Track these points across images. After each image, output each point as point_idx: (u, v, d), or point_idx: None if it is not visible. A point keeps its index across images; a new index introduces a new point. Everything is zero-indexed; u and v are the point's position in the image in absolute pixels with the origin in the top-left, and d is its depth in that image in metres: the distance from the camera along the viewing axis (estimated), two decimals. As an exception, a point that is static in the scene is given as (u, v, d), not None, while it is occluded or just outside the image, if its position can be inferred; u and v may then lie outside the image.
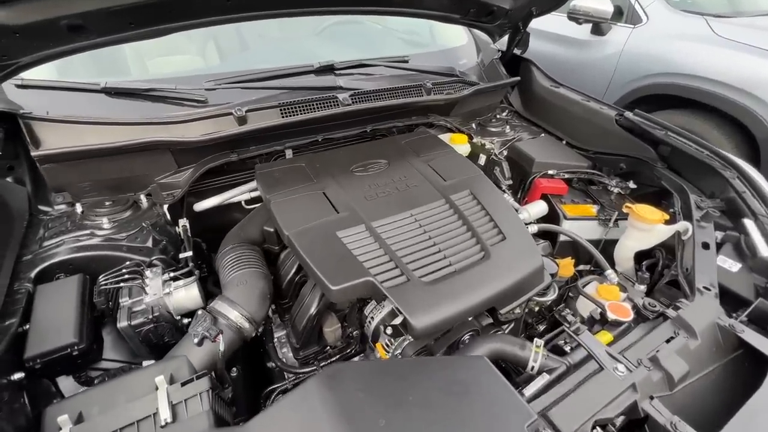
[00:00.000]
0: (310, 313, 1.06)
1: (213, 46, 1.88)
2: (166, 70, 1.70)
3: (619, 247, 1.35)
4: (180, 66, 1.76)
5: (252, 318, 0.99)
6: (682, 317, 0.94)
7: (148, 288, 1.00)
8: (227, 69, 1.54)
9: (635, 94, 3.22)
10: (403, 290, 0.95)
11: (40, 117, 1.17)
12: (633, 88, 3.22)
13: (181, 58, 1.86)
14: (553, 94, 1.92)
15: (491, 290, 1.00)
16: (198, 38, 1.89)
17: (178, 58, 1.85)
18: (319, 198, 1.20)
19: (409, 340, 1.04)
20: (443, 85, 1.72)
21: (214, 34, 1.87)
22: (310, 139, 1.49)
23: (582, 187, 1.65)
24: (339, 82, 1.53)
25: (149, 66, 1.71)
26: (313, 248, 1.02)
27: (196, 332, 0.89)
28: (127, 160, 1.24)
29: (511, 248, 1.11)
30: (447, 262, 1.04)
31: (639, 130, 1.55)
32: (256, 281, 1.05)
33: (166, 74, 1.56)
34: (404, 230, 1.11)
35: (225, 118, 1.30)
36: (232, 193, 1.41)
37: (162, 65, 1.76)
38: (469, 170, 1.38)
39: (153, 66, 1.73)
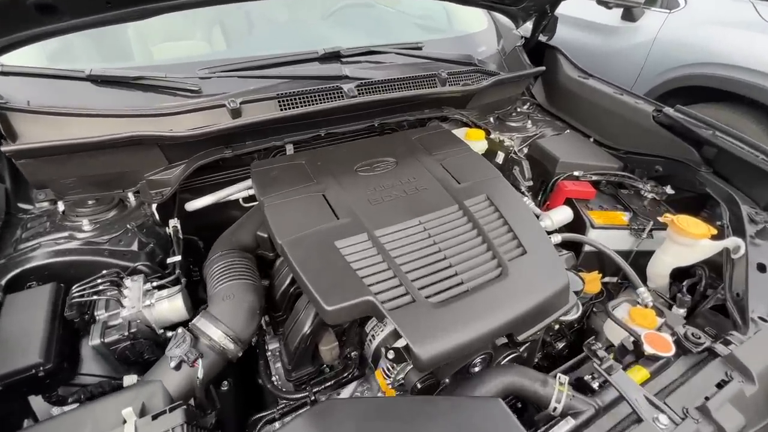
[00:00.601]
0: (304, 333, 0.95)
1: (216, 31, 1.76)
2: (166, 56, 1.60)
3: (654, 261, 1.20)
4: (179, 52, 1.66)
5: (237, 337, 0.88)
6: (735, 356, 0.80)
7: (126, 300, 0.90)
8: (230, 55, 1.42)
9: (667, 86, 2.99)
10: (407, 312, 0.84)
11: (18, 107, 1.08)
12: (665, 80, 2.99)
13: (183, 43, 1.75)
14: (581, 86, 1.74)
15: (509, 314, 0.88)
16: (202, 22, 1.79)
17: (179, 43, 1.74)
18: (319, 201, 1.08)
19: (412, 365, 0.93)
20: (459, 75, 1.57)
21: (220, 19, 1.76)
22: (313, 133, 1.36)
23: (611, 191, 1.49)
24: (345, 70, 1.39)
25: (153, 52, 1.61)
26: (308, 260, 0.91)
27: (174, 354, 0.79)
28: (113, 155, 1.14)
29: (532, 264, 0.97)
30: (458, 280, 0.92)
31: (680, 128, 1.37)
32: (245, 295, 0.95)
33: (160, 61, 1.45)
34: (411, 241, 0.99)
35: (218, 111, 1.18)
36: (228, 192, 1.31)
37: (162, 51, 1.66)
38: (485, 171, 1.24)
39: (155, 52, 1.63)
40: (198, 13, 1.83)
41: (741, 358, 0.79)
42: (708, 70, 2.70)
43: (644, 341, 0.87)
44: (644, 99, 1.56)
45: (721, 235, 1.12)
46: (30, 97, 1.13)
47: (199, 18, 1.82)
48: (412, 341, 0.79)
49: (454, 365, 0.95)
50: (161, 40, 1.68)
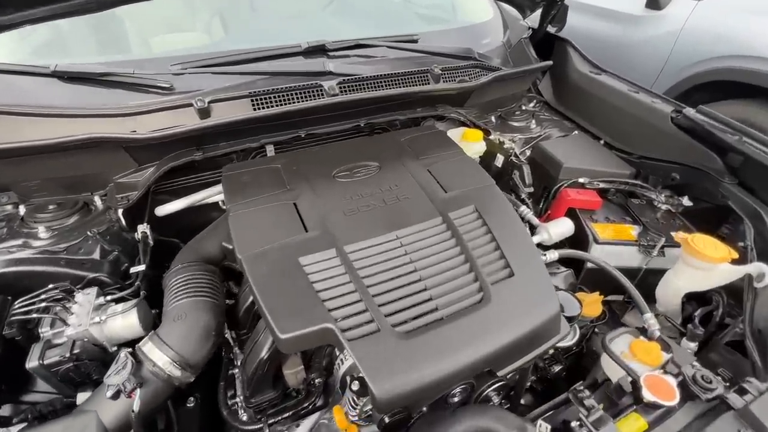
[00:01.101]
0: (261, 358, 0.87)
1: (208, 20, 1.68)
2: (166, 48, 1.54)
3: (664, 284, 1.07)
4: (171, 45, 1.59)
5: (186, 362, 0.81)
6: (751, 411, 0.68)
7: (73, 317, 0.84)
8: (213, 49, 1.34)
9: (693, 80, 2.77)
10: (369, 343, 0.75)
11: (-26, 106, 1.02)
12: (691, 74, 2.77)
13: (176, 36, 1.68)
14: (592, 83, 1.58)
15: (487, 347, 0.78)
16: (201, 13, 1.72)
17: (172, 36, 1.68)
18: (289, 211, 0.99)
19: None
20: (456, 70, 1.44)
21: (220, 9, 1.69)
22: (292, 134, 1.27)
23: (621, 200, 1.34)
24: (329, 66, 1.29)
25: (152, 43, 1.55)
26: (267, 279, 0.83)
27: (111, 382, 0.72)
28: (76, 157, 1.08)
29: (519, 289, 0.87)
30: (433, 306, 0.82)
31: (702, 131, 1.21)
32: (199, 314, 0.87)
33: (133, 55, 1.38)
34: (384, 258, 0.89)
35: (185, 110, 1.10)
36: (201, 196, 1.23)
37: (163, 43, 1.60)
38: (477, 179, 1.13)
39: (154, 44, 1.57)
40: (197, 4, 1.78)
41: (758, 413, 0.67)
42: (740, 64, 2.47)
43: (643, 385, 0.75)
44: (662, 98, 1.40)
45: (744, 259, 0.98)
46: (-8, 95, 1.07)
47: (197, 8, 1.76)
48: (369, 378, 0.70)
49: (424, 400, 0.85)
50: (159, 33, 1.62)
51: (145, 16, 1.68)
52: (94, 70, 1.12)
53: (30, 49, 1.37)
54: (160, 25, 1.67)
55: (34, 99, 1.08)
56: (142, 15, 1.67)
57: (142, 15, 1.67)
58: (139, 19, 1.62)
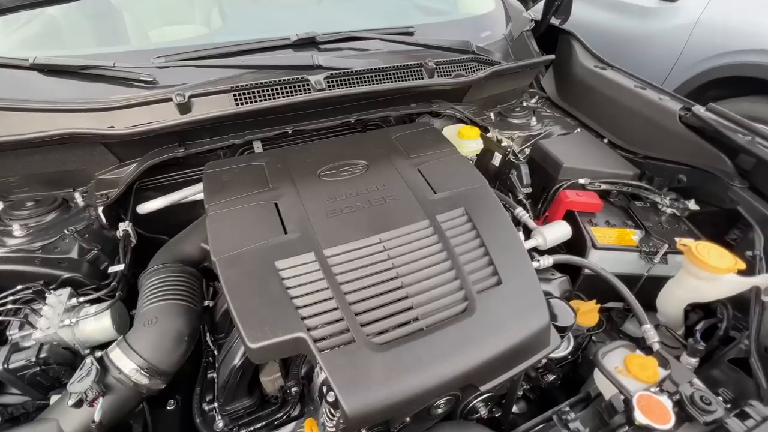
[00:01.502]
0: (233, 365, 0.84)
1: (215, 12, 1.64)
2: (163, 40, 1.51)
3: (665, 294, 1.01)
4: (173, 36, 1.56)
5: (154, 369, 0.78)
6: (754, 439, 0.62)
7: (42, 320, 0.82)
8: (202, 41, 1.30)
9: (708, 75, 2.66)
10: (342, 355, 0.71)
11: (-51, 100, 1.00)
12: (706, 69, 2.66)
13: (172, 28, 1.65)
14: (597, 78, 1.51)
15: (469, 361, 0.73)
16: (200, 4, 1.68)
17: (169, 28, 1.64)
18: (269, 211, 0.95)
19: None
20: (452, 64, 1.38)
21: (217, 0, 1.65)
22: (278, 131, 1.22)
23: (623, 203, 1.28)
24: (318, 59, 1.24)
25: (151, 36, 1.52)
26: (241, 283, 0.79)
27: (73, 390, 0.69)
28: (52, 153, 1.05)
29: (506, 298, 0.82)
30: (414, 315, 0.78)
31: (712, 131, 1.14)
32: (170, 319, 0.84)
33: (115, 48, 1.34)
34: (365, 263, 0.84)
35: (165, 105, 1.06)
36: (184, 194, 1.20)
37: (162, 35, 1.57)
38: (469, 179, 1.07)
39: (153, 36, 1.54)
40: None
41: (761, 442, 0.61)
42: (758, 58, 2.36)
43: (636, 405, 0.70)
44: (671, 95, 1.32)
45: (752, 269, 0.92)
46: (-29, 88, 1.05)
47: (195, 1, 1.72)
48: (340, 392, 0.66)
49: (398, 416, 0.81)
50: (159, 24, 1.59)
51: (143, 7, 1.65)
52: (75, 63, 1.09)
53: (19, 40, 1.34)
54: (158, 16, 1.64)
55: (11, 92, 1.05)
56: (139, 6, 1.64)
57: (139, 6, 1.64)
58: (135, 11, 1.59)
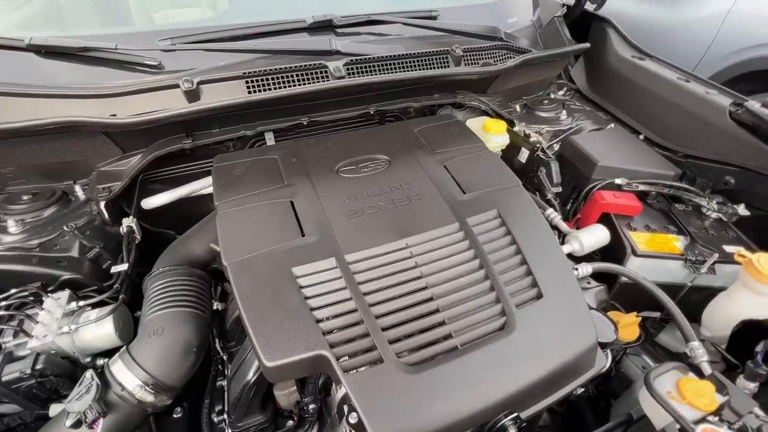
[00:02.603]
0: (247, 381, 0.77)
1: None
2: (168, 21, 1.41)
3: (716, 307, 0.93)
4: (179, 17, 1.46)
5: (161, 384, 0.71)
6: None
7: (38, 327, 0.75)
8: (230, 20, 1.20)
9: (738, 69, 2.54)
10: (369, 376, 0.63)
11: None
12: (736, 61, 2.54)
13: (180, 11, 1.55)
14: (634, 69, 1.40)
15: (510, 386, 0.66)
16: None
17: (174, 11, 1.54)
18: (284, 210, 0.87)
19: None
20: (479, 51, 1.28)
21: None
22: (292, 121, 1.14)
23: (663, 206, 1.18)
24: (336, 44, 1.14)
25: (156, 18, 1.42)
26: (255, 292, 0.72)
27: (72, 409, 0.63)
28: (50, 142, 0.97)
29: (548, 313, 0.74)
30: (446, 332, 0.70)
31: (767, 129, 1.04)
32: (179, 328, 0.77)
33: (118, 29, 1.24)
34: (392, 271, 0.76)
35: (172, 92, 0.98)
36: (191, 188, 1.12)
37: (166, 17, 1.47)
38: (501, 178, 0.98)
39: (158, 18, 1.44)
40: None
41: None
42: (796, 51, 2.23)
43: (699, 442, 0.62)
44: (719, 88, 1.21)
45: (819, 285, 0.83)
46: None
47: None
48: (366, 418, 0.59)
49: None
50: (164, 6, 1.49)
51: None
52: (74, 45, 1.00)
53: (19, 19, 1.25)
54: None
55: (5, 75, 0.97)
56: None
57: None
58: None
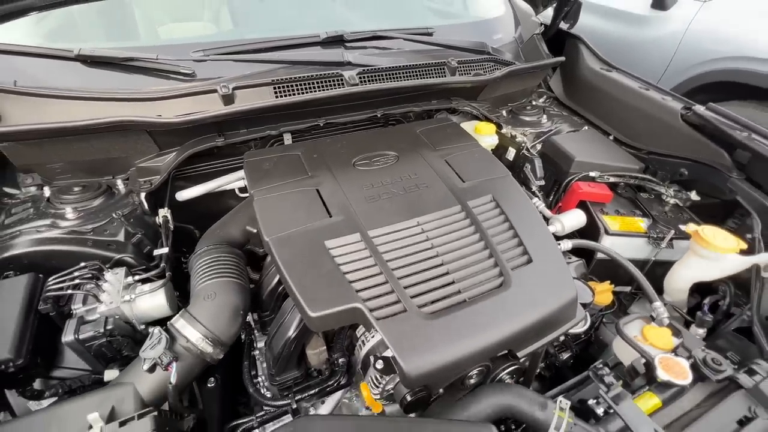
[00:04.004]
0: (288, 337, 0.90)
1: (216, 10, 1.68)
2: (167, 37, 1.54)
3: (672, 274, 1.11)
4: (183, 33, 1.60)
5: (217, 339, 0.84)
6: (761, 389, 0.71)
7: (105, 294, 0.86)
8: (233, 37, 1.35)
9: (697, 80, 2.81)
10: (397, 323, 0.77)
11: (3, 88, 1.03)
12: (695, 74, 2.81)
13: (187, 24, 1.69)
14: (603, 79, 1.62)
15: (509, 328, 0.81)
16: (210, 2, 1.72)
17: (183, 24, 1.68)
18: (312, 196, 1.01)
19: (401, 378, 0.87)
20: (471, 63, 1.46)
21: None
22: (311, 123, 1.29)
23: (630, 194, 1.38)
24: (347, 56, 1.31)
25: (159, 32, 1.56)
26: (294, 260, 0.85)
27: (147, 356, 0.75)
28: (101, 140, 1.09)
29: (537, 274, 0.90)
30: (456, 289, 0.85)
31: (712, 128, 1.25)
32: (228, 294, 0.89)
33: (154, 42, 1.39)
34: (407, 243, 0.91)
35: (209, 96, 1.12)
36: (220, 182, 1.25)
37: (165, 32, 1.60)
38: (493, 169, 1.15)
39: (159, 32, 1.57)
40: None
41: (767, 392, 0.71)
42: (744, 65, 2.51)
43: (658, 365, 0.79)
44: (672, 95, 1.43)
45: (751, 250, 1.02)
46: (17, 77, 1.08)
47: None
48: (399, 355, 0.73)
49: (448, 377, 0.89)
50: (163, 22, 1.62)
51: (154, 3, 1.68)
52: (119, 55, 1.13)
53: (43, 33, 1.37)
54: (169, 13, 1.67)
55: (55, 82, 1.09)
56: (151, 3, 1.67)
57: (151, 3, 1.67)
58: (147, 7, 1.63)
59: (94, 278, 0.88)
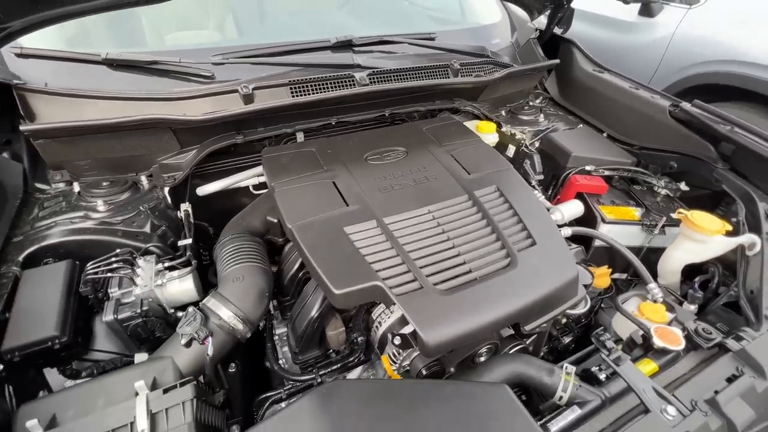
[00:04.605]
0: (311, 316, 0.96)
1: (221, 18, 1.76)
2: (179, 44, 1.62)
3: (665, 257, 1.19)
4: (193, 40, 1.67)
5: (246, 318, 0.90)
6: (747, 351, 0.79)
7: (139, 279, 0.92)
8: (242, 42, 1.43)
9: (684, 83, 2.93)
10: (415, 299, 0.84)
11: (36, 88, 1.10)
12: (682, 77, 2.93)
13: (196, 32, 1.76)
14: (595, 80, 1.71)
15: (516, 304, 0.87)
16: (216, 11, 1.80)
17: (193, 32, 1.75)
18: (329, 188, 1.08)
19: (418, 351, 0.93)
20: (472, 66, 1.55)
21: (234, 7, 1.77)
22: (323, 121, 1.37)
23: (624, 186, 1.47)
24: (357, 59, 1.39)
25: (167, 39, 1.63)
26: (317, 245, 0.92)
27: (185, 332, 0.81)
28: (127, 138, 1.16)
29: (541, 255, 0.97)
30: (467, 269, 0.92)
31: (698, 123, 1.34)
32: (254, 277, 0.96)
33: (174, 46, 1.46)
34: (420, 229, 0.98)
35: (230, 96, 1.19)
36: (238, 178, 1.32)
37: (175, 39, 1.67)
38: (496, 163, 1.23)
39: (168, 40, 1.64)
40: (211, 1, 1.85)
41: (753, 353, 0.78)
42: (728, 68, 2.64)
43: (654, 334, 0.86)
44: (661, 94, 1.53)
45: (736, 232, 1.10)
46: (48, 79, 1.15)
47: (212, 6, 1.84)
48: (419, 327, 0.79)
49: (460, 354, 0.95)
50: (175, 28, 1.70)
51: (161, 13, 1.76)
52: (144, 58, 1.20)
53: (64, 39, 1.44)
54: (174, 22, 1.75)
55: (85, 84, 1.16)
56: (158, 12, 1.75)
57: (158, 12, 1.75)
58: (154, 16, 1.70)
59: (129, 264, 0.94)
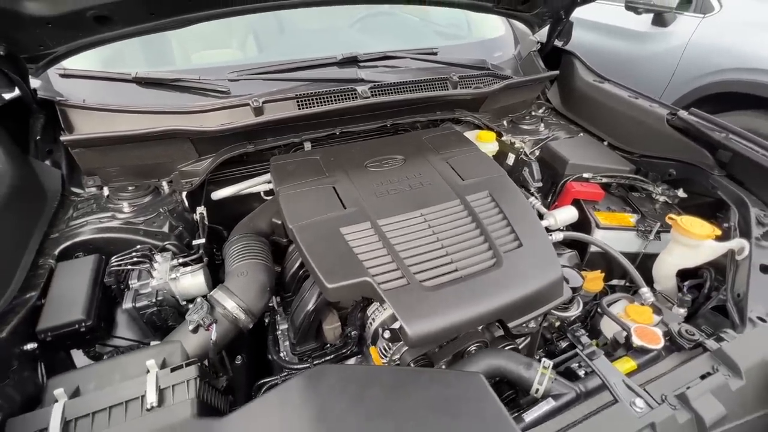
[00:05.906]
0: (308, 309, 1.03)
1: (243, 37, 1.91)
2: (203, 62, 1.77)
3: (659, 263, 1.20)
4: (219, 57, 1.82)
5: (248, 309, 0.98)
6: (724, 351, 0.80)
7: (155, 272, 1.03)
8: (262, 59, 1.56)
9: (700, 92, 2.89)
10: (401, 293, 0.90)
11: (75, 104, 1.25)
12: (697, 86, 2.89)
13: (218, 51, 1.92)
14: (596, 90, 1.75)
15: (498, 301, 0.92)
16: (238, 32, 1.95)
17: (216, 51, 1.91)
18: (329, 192, 1.17)
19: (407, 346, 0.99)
20: (471, 78, 1.62)
21: (254, 27, 1.92)
22: (328, 132, 1.46)
23: (621, 193, 1.48)
24: (361, 74, 1.49)
25: (192, 58, 1.79)
26: (314, 243, 1.00)
27: (192, 319, 0.90)
28: (151, 147, 1.29)
29: (526, 257, 1.01)
30: (453, 267, 0.98)
31: (695, 131, 1.36)
32: (257, 273, 1.05)
33: (195, 65, 1.61)
34: (411, 230, 1.05)
35: (243, 109, 1.31)
36: (250, 183, 1.43)
37: (200, 57, 1.83)
38: (491, 170, 1.29)
39: (193, 58, 1.80)
40: (233, 23, 2.02)
41: (729, 353, 0.79)
42: (744, 76, 2.60)
43: (633, 333, 0.88)
44: (659, 102, 1.55)
45: (728, 237, 1.11)
46: (85, 96, 1.30)
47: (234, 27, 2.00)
48: (404, 319, 0.85)
49: (449, 351, 1.00)
50: (201, 48, 1.86)
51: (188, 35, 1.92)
52: (169, 76, 1.34)
53: (99, 60, 1.62)
54: (200, 41, 1.91)
55: (118, 99, 1.31)
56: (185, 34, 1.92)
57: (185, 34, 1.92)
58: (182, 37, 1.86)
59: (147, 259, 1.05)
